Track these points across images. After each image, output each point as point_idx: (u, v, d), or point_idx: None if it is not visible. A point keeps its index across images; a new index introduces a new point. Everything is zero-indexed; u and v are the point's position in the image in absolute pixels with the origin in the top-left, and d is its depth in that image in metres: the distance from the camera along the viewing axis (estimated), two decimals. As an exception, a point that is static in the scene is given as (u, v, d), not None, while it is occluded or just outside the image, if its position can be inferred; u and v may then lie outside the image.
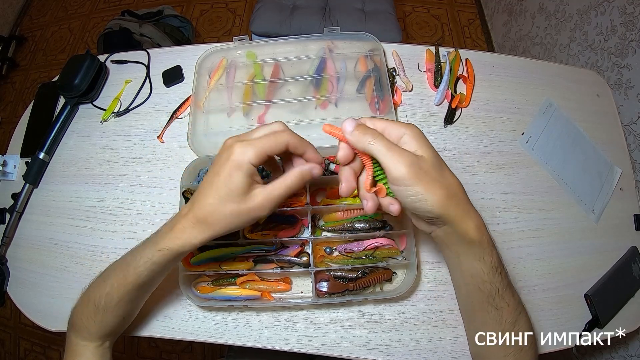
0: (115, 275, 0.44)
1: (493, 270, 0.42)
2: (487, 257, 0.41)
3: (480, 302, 0.44)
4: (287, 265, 0.55)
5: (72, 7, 2.11)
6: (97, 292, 0.45)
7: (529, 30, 1.51)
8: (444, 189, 0.37)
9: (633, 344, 0.87)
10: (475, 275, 0.43)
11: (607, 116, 0.77)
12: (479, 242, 0.40)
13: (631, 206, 0.70)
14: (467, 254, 0.42)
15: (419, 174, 0.35)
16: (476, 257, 0.42)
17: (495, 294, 0.42)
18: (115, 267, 0.45)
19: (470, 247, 0.41)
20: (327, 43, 0.72)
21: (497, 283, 0.42)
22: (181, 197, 0.56)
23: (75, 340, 0.47)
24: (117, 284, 0.44)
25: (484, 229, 0.41)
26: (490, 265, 0.42)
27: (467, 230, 0.39)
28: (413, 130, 0.37)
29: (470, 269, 0.43)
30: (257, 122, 0.68)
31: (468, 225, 0.39)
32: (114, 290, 0.44)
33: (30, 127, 0.72)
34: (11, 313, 1.50)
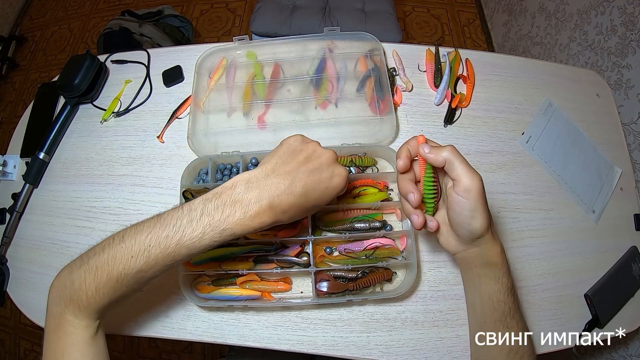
0: (153, 253, 0.38)
1: (508, 292, 0.46)
2: (504, 279, 0.46)
3: (494, 321, 0.47)
4: (287, 265, 0.55)
5: (72, 7, 2.11)
6: (122, 266, 0.38)
7: (529, 30, 1.51)
8: (489, 215, 0.43)
9: (633, 344, 0.87)
10: (492, 295, 0.47)
11: (607, 116, 0.77)
12: (501, 265, 0.46)
13: (631, 206, 0.70)
14: (488, 275, 0.46)
15: (483, 194, 0.41)
16: (495, 278, 0.46)
17: (508, 313, 0.46)
18: (152, 243, 0.38)
19: (492, 269, 0.46)
20: (327, 43, 0.72)
21: (510, 303, 0.46)
22: (181, 197, 0.56)
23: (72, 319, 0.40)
24: (156, 261, 0.38)
25: (504, 254, 0.46)
26: (506, 287, 0.46)
27: (493, 255, 0.45)
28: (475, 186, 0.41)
29: (489, 290, 0.47)
30: (257, 122, 0.68)
31: (495, 250, 0.45)
32: (149, 267, 0.39)
33: (30, 127, 0.72)
34: (11, 313, 1.50)
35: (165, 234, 0.38)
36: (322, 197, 0.42)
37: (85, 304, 0.39)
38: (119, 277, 0.38)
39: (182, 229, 0.38)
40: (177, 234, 0.38)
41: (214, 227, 0.38)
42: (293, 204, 0.40)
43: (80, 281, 0.39)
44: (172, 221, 0.39)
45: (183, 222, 0.39)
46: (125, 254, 0.38)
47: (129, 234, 0.40)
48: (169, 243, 0.38)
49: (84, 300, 0.39)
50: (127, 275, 0.38)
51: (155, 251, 0.38)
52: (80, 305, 0.39)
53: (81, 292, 0.39)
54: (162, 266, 0.39)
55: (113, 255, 0.39)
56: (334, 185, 0.43)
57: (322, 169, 0.42)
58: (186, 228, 0.38)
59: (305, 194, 0.41)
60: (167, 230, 0.38)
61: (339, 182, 0.43)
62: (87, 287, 0.39)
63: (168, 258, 0.39)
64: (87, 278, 0.39)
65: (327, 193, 0.43)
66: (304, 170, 0.41)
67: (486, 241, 0.45)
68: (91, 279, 0.39)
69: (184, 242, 0.38)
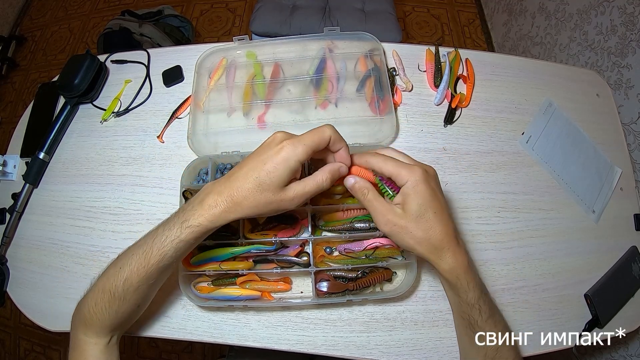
0: (134, 260, 0.43)
1: (470, 307, 0.46)
2: (462, 294, 0.46)
3: (464, 327, 0.49)
4: (287, 265, 0.55)
5: (72, 7, 2.11)
6: (113, 280, 0.43)
7: (529, 30, 1.51)
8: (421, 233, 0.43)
9: (633, 344, 0.88)
10: (455, 305, 0.49)
11: (607, 116, 0.77)
12: (453, 282, 0.45)
13: (631, 206, 0.70)
14: (449, 288, 0.49)
15: (393, 230, 0.43)
16: (456, 292, 0.47)
17: (475, 324, 0.47)
18: (133, 252, 0.43)
19: (447, 283, 0.48)
20: (327, 43, 0.72)
21: (475, 316, 0.46)
22: (181, 197, 0.56)
23: (84, 338, 0.46)
24: (137, 267, 0.42)
25: (459, 271, 0.45)
26: (465, 302, 0.46)
27: (442, 270, 0.45)
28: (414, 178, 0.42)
29: (452, 300, 0.50)
30: (257, 122, 0.68)
31: (442, 267, 0.45)
32: (133, 275, 0.43)
33: (30, 127, 0.72)
34: (11, 313, 1.50)
35: (144, 241, 0.43)
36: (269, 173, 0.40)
37: (90, 322, 0.45)
38: (110, 289, 0.43)
39: (156, 234, 0.43)
40: (151, 239, 0.43)
41: (175, 223, 0.42)
42: (239, 187, 0.41)
43: (86, 301, 0.45)
44: (153, 231, 0.44)
45: (158, 230, 0.43)
46: (115, 268, 0.44)
47: (122, 252, 0.46)
48: (145, 248, 0.43)
49: (87, 317, 0.45)
50: (117, 286, 0.43)
51: (135, 258, 0.43)
52: (87, 323, 0.45)
53: (85, 310, 0.45)
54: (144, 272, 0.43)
55: (107, 272, 0.45)
56: (281, 157, 0.40)
57: (270, 147, 0.41)
58: (158, 232, 0.43)
59: (246, 175, 0.41)
60: (145, 239, 0.44)
61: (286, 152, 0.40)
62: (89, 304, 0.45)
63: (145, 262, 0.42)
64: (89, 296, 0.45)
65: (271, 167, 0.40)
66: (249, 158, 0.42)
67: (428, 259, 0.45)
68: (91, 296, 0.45)
69: (155, 244, 0.42)
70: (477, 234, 0.63)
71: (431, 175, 0.44)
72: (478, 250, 0.62)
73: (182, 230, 0.41)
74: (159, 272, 0.44)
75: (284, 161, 0.40)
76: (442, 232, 0.43)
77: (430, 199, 0.42)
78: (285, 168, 0.40)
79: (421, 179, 0.42)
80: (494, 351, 0.46)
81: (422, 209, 0.42)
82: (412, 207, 0.42)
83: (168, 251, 0.42)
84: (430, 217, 0.42)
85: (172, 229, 0.42)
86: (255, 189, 0.40)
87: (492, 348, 0.46)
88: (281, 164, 0.40)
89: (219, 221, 0.41)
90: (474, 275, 0.46)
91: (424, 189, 0.42)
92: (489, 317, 0.47)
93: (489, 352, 0.47)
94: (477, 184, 0.66)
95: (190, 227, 0.41)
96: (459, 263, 0.44)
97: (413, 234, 0.43)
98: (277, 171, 0.40)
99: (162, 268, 0.43)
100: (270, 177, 0.40)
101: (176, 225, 0.42)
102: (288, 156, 0.40)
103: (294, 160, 0.40)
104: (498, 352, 0.46)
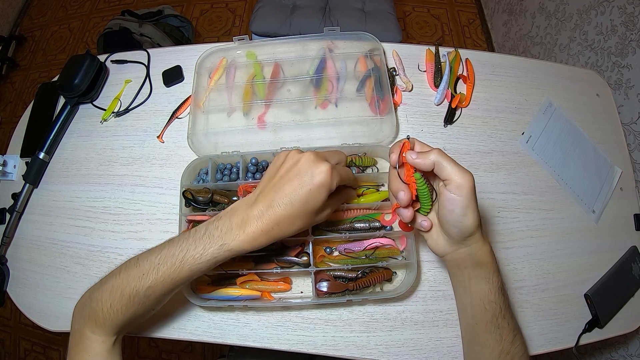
0: (161, 270, 0.42)
1: (498, 291, 0.46)
2: (495, 278, 0.46)
3: (485, 323, 0.47)
4: (287, 265, 0.55)
5: (72, 7, 2.10)
6: (135, 284, 0.42)
7: (529, 30, 1.51)
8: (479, 213, 0.43)
9: (633, 344, 0.87)
10: (483, 297, 0.47)
11: (607, 116, 0.77)
12: (491, 264, 0.46)
13: (631, 206, 0.70)
14: (479, 276, 0.47)
15: (474, 192, 0.42)
16: (486, 278, 0.46)
17: (499, 313, 0.46)
18: (160, 261, 0.42)
19: (482, 269, 0.46)
20: (327, 43, 0.72)
21: (501, 303, 0.46)
22: (181, 197, 0.56)
23: (90, 335, 0.44)
24: (163, 277, 0.42)
25: (494, 254, 0.46)
26: (496, 286, 0.46)
27: (483, 254, 0.45)
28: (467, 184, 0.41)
29: (479, 291, 0.47)
30: (257, 122, 0.68)
31: (484, 249, 0.45)
32: (158, 284, 0.42)
33: (30, 127, 0.72)
34: (11, 313, 1.50)
35: (172, 252, 0.42)
36: (312, 200, 0.42)
37: (102, 320, 0.43)
38: (130, 293, 0.42)
39: (187, 247, 0.42)
40: (182, 252, 0.42)
41: (213, 243, 0.41)
42: (282, 215, 0.41)
43: (98, 299, 0.44)
44: (179, 242, 0.43)
45: (188, 242, 0.42)
46: (137, 272, 0.43)
47: (143, 256, 0.44)
48: (175, 260, 0.42)
49: (100, 316, 0.43)
50: (138, 292, 0.42)
51: (163, 268, 0.42)
52: (97, 322, 0.44)
53: (97, 309, 0.43)
54: (170, 284, 0.42)
55: (127, 275, 0.43)
56: (317, 184, 0.42)
57: (301, 173, 0.42)
58: (190, 246, 0.42)
59: (291, 202, 0.41)
60: (173, 249, 0.42)
61: (322, 178, 0.42)
62: (103, 304, 0.43)
63: (175, 274, 0.42)
64: (104, 296, 0.44)
65: (314, 194, 0.42)
66: (284, 181, 0.43)
67: (476, 240, 0.44)
68: (107, 297, 0.43)
69: (187, 259, 0.42)
70: (477, 234, 0.63)
71: None
72: (478, 250, 0.62)
73: (221, 252, 0.41)
74: (184, 283, 0.44)
75: (326, 188, 0.42)
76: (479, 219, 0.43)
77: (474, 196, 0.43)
78: (320, 196, 0.42)
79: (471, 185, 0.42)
80: (509, 344, 0.46)
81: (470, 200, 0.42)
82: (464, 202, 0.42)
83: (201, 268, 0.42)
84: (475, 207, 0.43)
85: (208, 247, 0.41)
86: (299, 214, 0.42)
87: (508, 341, 0.46)
88: (323, 189, 0.42)
89: (262, 245, 0.42)
90: None
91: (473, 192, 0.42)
92: (509, 305, 0.47)
93: (504, 347, 0.46)
94: (477, 184, 0.64)
95: (230, 251, 0.41)
96: (491, 246, 0.46)
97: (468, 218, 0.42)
98: (319, 196, 0.42)
99: (188, 280, 0.44)
100: (315, 202, 0.42)
101: (213, 246, 0.41)
102: (329, 184, 0.42)
103: (334, 185, 0.43)
104: (512, 346, 0.46)
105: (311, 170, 0.42)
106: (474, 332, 0.50)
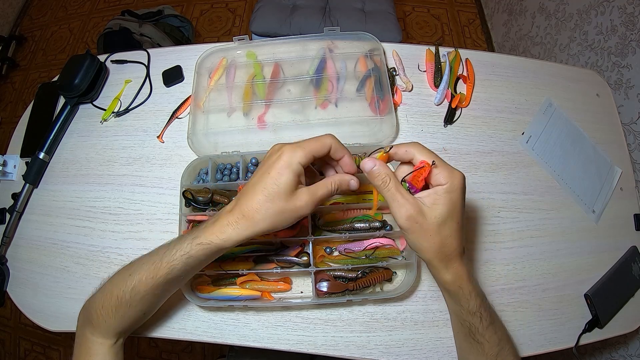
0: (144, 269, 0.43)
1: (471, 315, 0.46)
2: (464, 303, 0.45)
3: (464, 334, 0.49)
4: (287, 265, 0.55)
5: (72, 7, 2.10)
6: (122, 285, 0.44)
7: (529, 30, 1.51)
8: (434, 242, 0.41)
9: (633, 344, 0.87)
10: (456, 313, 0.48)
11: (607, 116, 0.77)
12: (455, 292, 0.45)
13: (631, 206, 0.70)
14: (447, 297, 0.48)
15: (413, 227, 0.40)
16: (454, 301, 0.47)
17: (475, 331, 0.46)
18: (145, 261, 0.44)
19: (447, 293, 0.47)
20: (327, 43, 0.72)
21: (476, 323, 0.46)
22: (181, 197, 0.56)
23: (90, 337, 0.46)
24: (145, 277, 0.43)
25: (463, 281, 0.44)
26: (467, 310, 0.46)
27: (445, 281, 0.44)
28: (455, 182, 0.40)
29: (452, 308, 0.49)
30: (257, 122, 0.68)
31: (445, 276, 0.44)
32: (141, 284, 0.43)
33: (30, 127, 0.72)
34: (11, 313, 1.50)
35: (157, 252, 0.44)
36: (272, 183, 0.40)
37: (96, 322, 0.45)
38: (118, 294, 0.44)
39: (169, 246, 0.43)
40: (164, 250, 0.43)
41: (188, 238, 0.42)
42: (247, 204, 0.40)
43: (93, 302, 0.47)
44: (166, 244, 0.44)
45: (172, 243, 0.43)
46: (125, 274, 0.45)
47: (136, 259, 0.46)
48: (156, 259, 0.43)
49: (94, 318, 0.45)
50: (125, 293, 0.44)
51: (145, 267, 0.43)
52: (94, 323, 0.46)
53: (92, 312, 0.46)
54: (152, 282, 0.43)
55: (117, 277, 0.46)
56: (276, 166, 0.40)
57: (271, 157, 0.42)
58: (172, 245, 0.43)
59: (254, 189, 0.41)
60: (159, 250, 0.44)
61: (280, 159, 0.40)
62: (97, 306, 0.45)
63: (154, 272, 0.43)
64: (97, 299, 0.46)
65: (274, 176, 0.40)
66: (257, 171, 0.42)
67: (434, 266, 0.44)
68: (99, 299, 0.46)
69: (165, 256, 0.42)
70: (477, 234, 0.63)
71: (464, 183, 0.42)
72: (478, 250, 0.62)
73: (192, 247, 0.41)
74: (167, 284, 0.44)
75: (287, 165, 0.40)
76: (456, 245, 0.42)
77: (459, 209, 0.41)
78: (289, 172, 0.40)
79: (460, 186, 0.41)
80: (493, 357, 0.46)
81: (448, 216, 0.40)
82: (439, 211, 0.40)
83: (176, 265, 0.42)
84: (452, 227, 0.41)
85: (183, 244, 0.42)
86: (265, 200, 0.40)
87: (491, 354, 0.46)
88: (284, 168, 0.40)
89: (231, 239, 0.41)
90: (475, 284, 0.46)
91: (458, 197, 0.41)
92: (489, 324, 0.46)
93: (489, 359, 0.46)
94: (477, 184, 0.66)
95: (200, 245, 0.41)
96: (462, 273, 0.44)
97: (430, 238, 0.41)
98: (281, 176, 0.40)
99: (170, 280, 0.44)
100: (277, 182, 0.40)
101: (187, 241, 0.42)
102: (289, 160, 0.40)
103: (295, 163, 0.40)
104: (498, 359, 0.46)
105: (278, 154, 0.41)
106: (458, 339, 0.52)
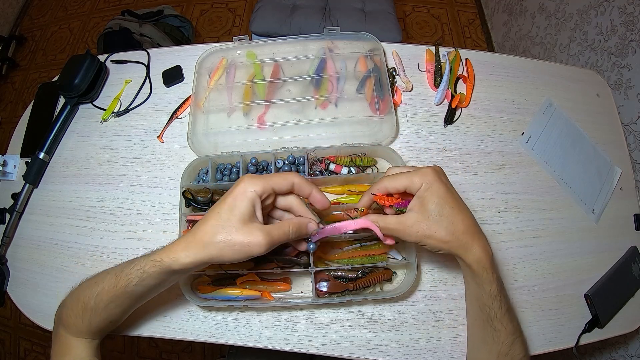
0: (107, 279, 0.45)
1: (492, 298, 0.47)
2: (486, 286, 0.47)
3: (482, 321, 0.49)
4: (287, 265, 0.55)
5: (72, 7, 2.10)
6: (88, 292, 0.46)
7: (529, 30, 1.51)
8: (444, 231, 0.44)
9: (633, 344, 0.87)
10: (478, 298, 0.49)
11: (607, 116, 0.77)
12: (478, 273, 0.46)
13: (631, 206, 0.70)
14: (471, 279, 0.49)
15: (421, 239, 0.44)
16: (477, 283, 0.47)
17: (494, 317, 0.47)
18: (109, 272, 0.46)
19: (472, 275, 0.48)
20: (327, 43, 0.72)
21: (495, 308, 0.47)
22: (181, 197, 0.56)
23: (64, 334, 0.48)
24: (107, 287, 0.44)
25: (486, 262, 0.46)
26: (488, 293, 0.47)
27: (470, 263, 0.46)
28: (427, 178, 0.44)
29: (475, 292, 0.49)
30: (257, 122, 0.68)
31: (468, 258, 0.45)
32: (103, 292, 0.45)
33: (30, 127, 0.72)
34: (11, 313, 1.50)
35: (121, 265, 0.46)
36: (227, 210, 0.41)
37: (67, 324, 0.47)
38: (84, 299, 0.46)
39: (133, 261, 0.44)
40: (127, 266, 0.44)
41: (148, 257, 0.43)
42: (201, 228, 0.41)
43: (64, 305, 0.48)
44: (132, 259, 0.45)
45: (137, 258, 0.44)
46: (92, 281, 0.47)
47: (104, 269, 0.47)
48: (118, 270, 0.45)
49: (64, 319, 0.47)
50: (90, 298, 0.45)
51: (108, 277, 0.45)
52: (64, 325, 0.48)
53: (63, 314, 0.48)
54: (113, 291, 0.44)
55: (85, 284, 0.47)
56: (232, 194, 0.41)
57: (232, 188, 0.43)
58: (135, 261, 0.44)
59: (218, 211, 0.41)
60: (124, 264, 0.45)
61: (243, 184, 0.41)
62: (67, 309, 0.48)
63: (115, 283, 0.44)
64: (67, 302, 0.48)
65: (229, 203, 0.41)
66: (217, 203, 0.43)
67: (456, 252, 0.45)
68: (69, 302, 0.48)
69: (126, 270, 0.44)
70: (477, 234, 0.63)
71: (440, 172, 0.46)
72: (478, 250, 0.62)
73: (147, 262, 0.42)
74: (125, 296, 0.45)
75: (242, 192, 0.41)
76: (464, 223, 0.44)
77: (445, 194, 0.44)
78: (243, 198, 0.41)
79: (433, 178, 0.44)
80: (507, 347, 0.47)
81: (440, 206, 0.43)
82: (430, 207, 0.43)
83: (132, 279, 0.43)
84: (449, 211, 0.43)
85: (142, 260, 0.43)
86: (217, 225, 0.40)
87: (506, 344, 0.47)
88: (239, 194, 0.41)
89: (179, 261, 0.41)
90: (496, 269, 0.47)
91: (438, 186, 0.44)
92: (507, 310, 0.47)
93: (502, 349, 0.47)
94: (477, 184, 0.66)
95: (153, 261, 0.42)
96: (485, 253, 0.45)
97: (438, 234, 0.43)
98: (235, 202, 0.41)
99: (128, 294, 0.44)
100: (231, 208, 0.41)
101: (145, 257, 0.43)
102: (245, 187, 0.41)
103: (250, 191, 0.41)
104: (511, 349, 0.47)
105: (234, 186, 0.42)
106: (474, 327, 0.52)
